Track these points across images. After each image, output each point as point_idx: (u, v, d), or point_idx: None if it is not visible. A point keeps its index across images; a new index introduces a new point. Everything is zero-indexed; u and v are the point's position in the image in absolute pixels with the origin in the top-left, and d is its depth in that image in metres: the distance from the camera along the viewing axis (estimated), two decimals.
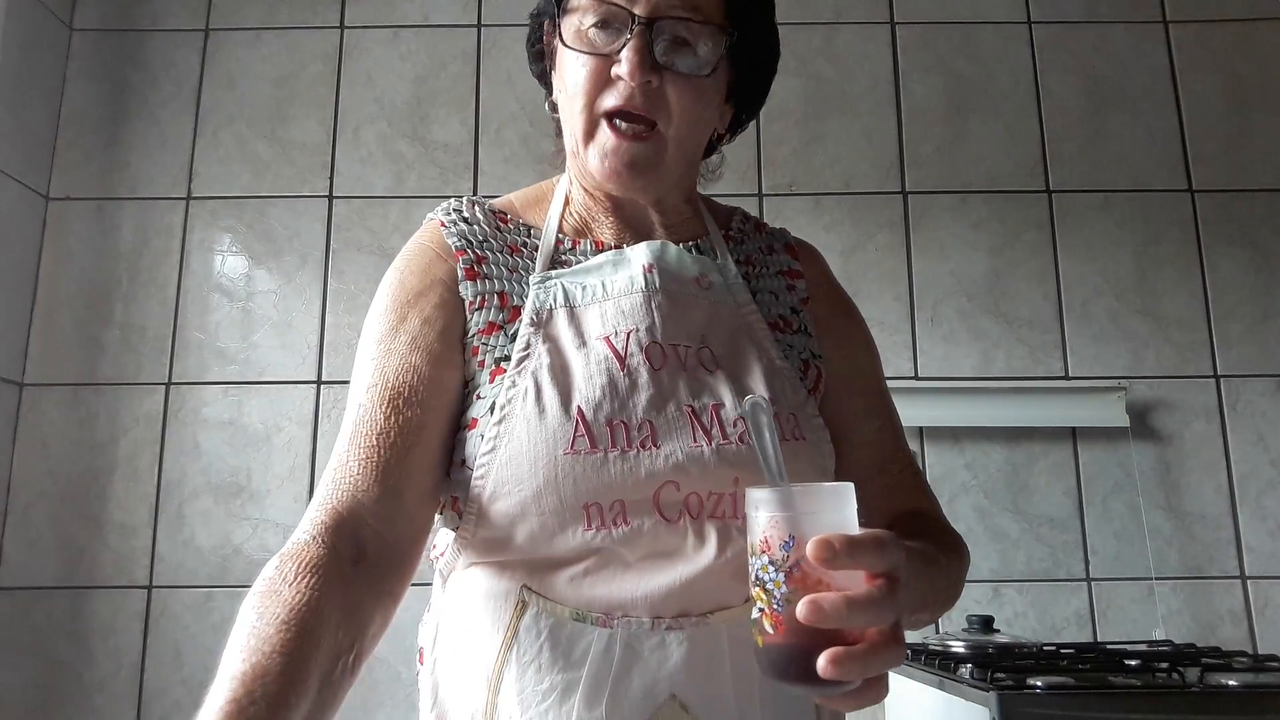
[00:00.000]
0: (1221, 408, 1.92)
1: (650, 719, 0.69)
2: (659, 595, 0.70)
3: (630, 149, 0.76)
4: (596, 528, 0.70)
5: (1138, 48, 2.09)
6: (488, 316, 0.78)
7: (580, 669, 0.70)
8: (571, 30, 0.77)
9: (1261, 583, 1.84)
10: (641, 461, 0.71)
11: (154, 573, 1.83)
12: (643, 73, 0.73)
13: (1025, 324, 1.96)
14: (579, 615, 0.71)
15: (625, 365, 0.75)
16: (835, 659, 0.54)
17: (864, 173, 2.04)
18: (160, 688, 1.78)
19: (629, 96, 0.74)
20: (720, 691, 0.70)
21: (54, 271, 1.96)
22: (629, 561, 0.71)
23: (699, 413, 0.73)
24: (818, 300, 0.90)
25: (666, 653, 0.70)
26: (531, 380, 0.74)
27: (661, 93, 0.75)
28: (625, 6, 0.73)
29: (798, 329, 0.86)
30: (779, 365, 0.81)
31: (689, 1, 0.74)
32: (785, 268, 0.91)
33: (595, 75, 0.75)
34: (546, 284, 0.79)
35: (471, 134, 2.03)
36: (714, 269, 0.84)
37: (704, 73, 0.76)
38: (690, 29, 0.75)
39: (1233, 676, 1.20)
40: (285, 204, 2.00)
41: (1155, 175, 2.03)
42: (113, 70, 2.06)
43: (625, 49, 0.73)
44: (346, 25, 2.09)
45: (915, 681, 1.44)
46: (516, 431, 0.72)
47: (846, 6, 2.11)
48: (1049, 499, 1.88)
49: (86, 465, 1.87)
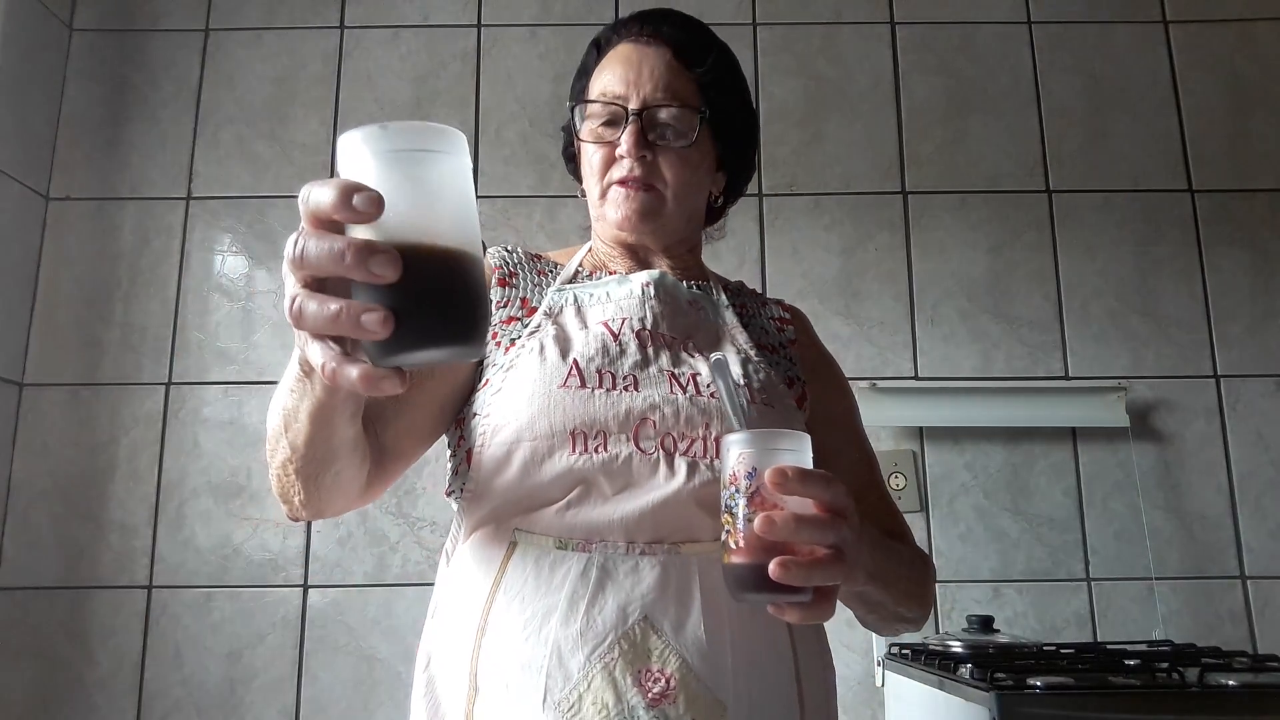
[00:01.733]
0: (1221, 408, 1.92)
1: (622, 637, 0.76)
2: (633, 519, 0.79)
3: (637, 197, 0.94)
4: (580, 452, 0.80)
5: (1138, 48, 2.09)
6: (509, 312, 0.93)
7: (559, 593, 0.78)
8: (588, 130, 0.97)
9: (1261, 583, 1.84)
10: (623, 399, 0.83)
11: (154, 573, 1.83)
12: (637, 149, 0.92)
13: (1025, 324, 1.96)
14: (561, 544, 0.80)
15: (618, 340, 0.89)
16: (783, 563, 0.65)
17: (864, 173, 2.04)
18: (160, 688, 1.78)
19: (629, 169, 0.93)
20: (690, 617, 0.78)
21: (54, 271, 1.96)
22: (607, 494, 0.81)
23: (678, 376, 0.87)
24: (803, 346, 1.05)
25: (640, 576, 0.78)
26: (538, 343, 0.88)
27: (655, 164, 0.94)
28: (622, 105, 0.93)
29: (784, 357, 1.01)
30: (755, 359, 0.94)
31: (670, 92, 0.94)
32: (775, 316, 1.06)
33: (606, 158, 0.95)
34: (561, 291, 0.95)
35: (471, 134, 2.03)
36: (707, 301, 1.00)
37: (685, 144, 0.94)
38: (672, 112, 0.93)
39: (1233, 676, 1.20)
40: (285, 204, 2.00)
41: (1155, 175, 2.03)
42: (113, 70, 2.06)
43: (624, 135, 0.93)
44: (346, 25, 2.09)
45: (915, 681, 1.44)
46: (521, 374, 0.85)
47: (846, 6, 2.11)
48: (1049, 499, 1.88)
49: (86, 465, 1.87)
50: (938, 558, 1.85)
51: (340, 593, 1.84)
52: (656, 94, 0.93)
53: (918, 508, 1.87)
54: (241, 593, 1.83)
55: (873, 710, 1.77)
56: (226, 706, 1.78)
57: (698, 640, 0.77)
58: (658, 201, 0.94)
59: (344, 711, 1.79)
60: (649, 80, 0.94)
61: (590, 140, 0.96)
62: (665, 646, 0.76)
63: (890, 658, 1.60)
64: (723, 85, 0.98)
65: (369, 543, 1.86)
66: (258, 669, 1.80)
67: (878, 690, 1.74)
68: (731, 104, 0.99)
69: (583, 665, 0.75)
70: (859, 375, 1.92)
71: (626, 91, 0.94)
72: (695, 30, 0.99)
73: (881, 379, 1.92)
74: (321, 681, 1.79)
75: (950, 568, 1.86)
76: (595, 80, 0.98)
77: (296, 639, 1.81)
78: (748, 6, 2.11)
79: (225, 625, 1.81)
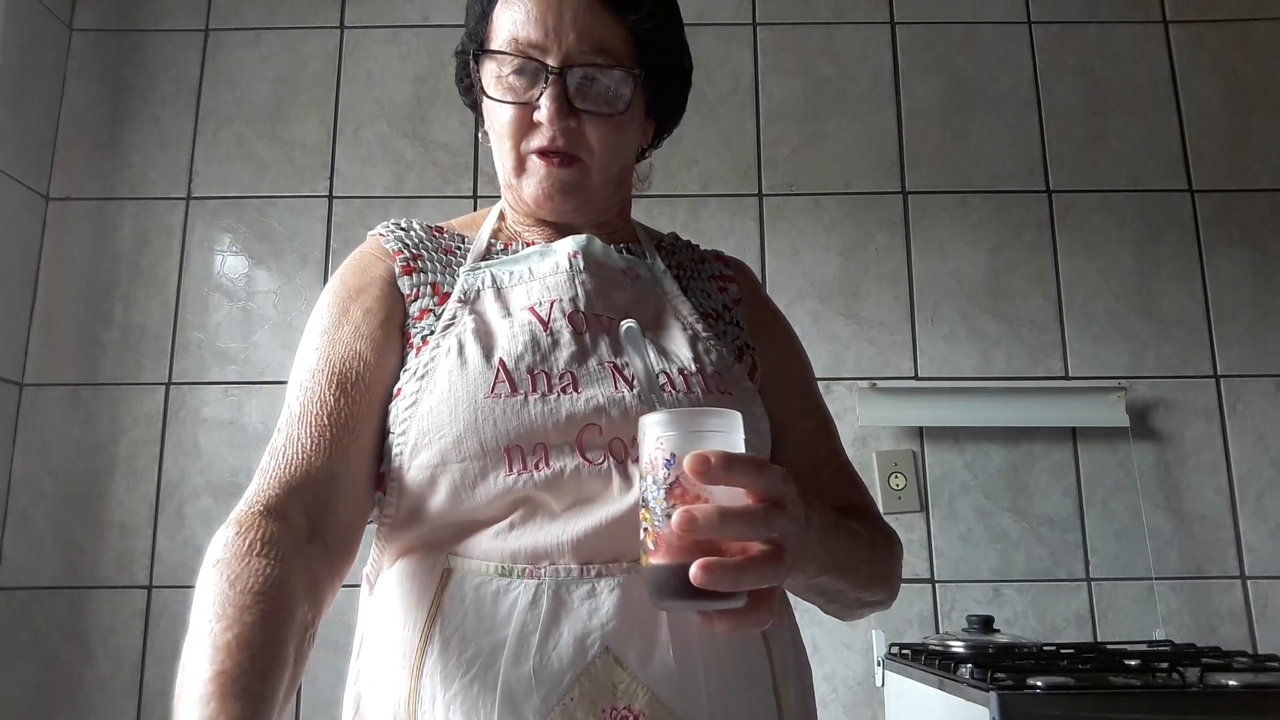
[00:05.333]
0: (1221, 408, 1.92)
1: (582, 674, 0.66)
2: (585, 538, 0.69)
3: (559, 174, 0.80)
4: (518, 472, 0.70)
5: (1138, 48, 2.09)
6: (422, 304, 0.81)
7: (506, 628, 0.68)
8: (491, 77, 0.81)
9: (1261, 583, 1.84)
10: (562, 404, 0.72)
11: (154, 573, 1.83)
12: (561, 118, 0.77)
13: (1025, 324, 1.96)
14: (504, 570, 0.70)
15: (549, 328, 0.77)
16: (706, 566, 0.55)
17: (864, 173, 2.04)
18: (160, 688, 1.78)
19: (551, 139, 0.79)
20: (656, 644, 0.68)
21: (54, 271, 1.96)
22: (555, 511, 0.71)
23: (620, 368, 0.75)
24: (749, 304, 0.92)
25: (597, 602, 0.68)
26: (455, 341, 0.76)
27: (581, 132, 0.79)
28: (538, 58, 0.77)
29: (730, 321, 0.88)
30: (704, 335, 0.82)
31: (598, 45, 0.78)
32: (716, 273, 0.93)
33: (519, 120, 0.80)
34: (475, 271, 0.83)
35: (471, 134, 2.03)
36: (641, 265, 0.87)
37: (618, 111, 0.80)
38: (601, 74, 0.79)
39: (1233, 676, 1.19)
40: (285, 204, 2.00)
41: (1155, 175, 2.03)
42: (113, 70, 2.06)
43: (543, 97, 0.77)
44: (346, 25, 2.09)
45: (915, 681, 1.44)
46: (438, 383, 0.74)
47: (846, 6, 2.11)
48: (1049, 499, 1.88)
49: (86, 465, 1.87)
50: (938, 558, 1.85)
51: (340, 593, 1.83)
52: (583, 48, 0.77)
53: (918, 508, 1.87)
54: None
55: (873, 710, 1.77)
56: None
57: (666, 669, 0.67)
58: (582, 175, 0.81)
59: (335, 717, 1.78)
60: (571, 28, 0.77)
61: (497, 95, 0.80)
62: (631, 680, 0.67)
63: (890, 658, 1.60)
64: (659, 30, 0.82)
65: (369, 542, 1.86)
66: None
67: (878, 690, 1.74)
68: (668, 53, 0.84)
69: (538, 710, 0.65)
70: (859, 375, 1.92)
71: (544, 40, 0.77)
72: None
73: (881, 379, 1.92)
74: (321, 681, 1.79)
75: (950, 568, 1.86)
76: (500, 16, 0.80)
77: None
78: (748, 6, 2.11)
79: None
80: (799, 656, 0.79)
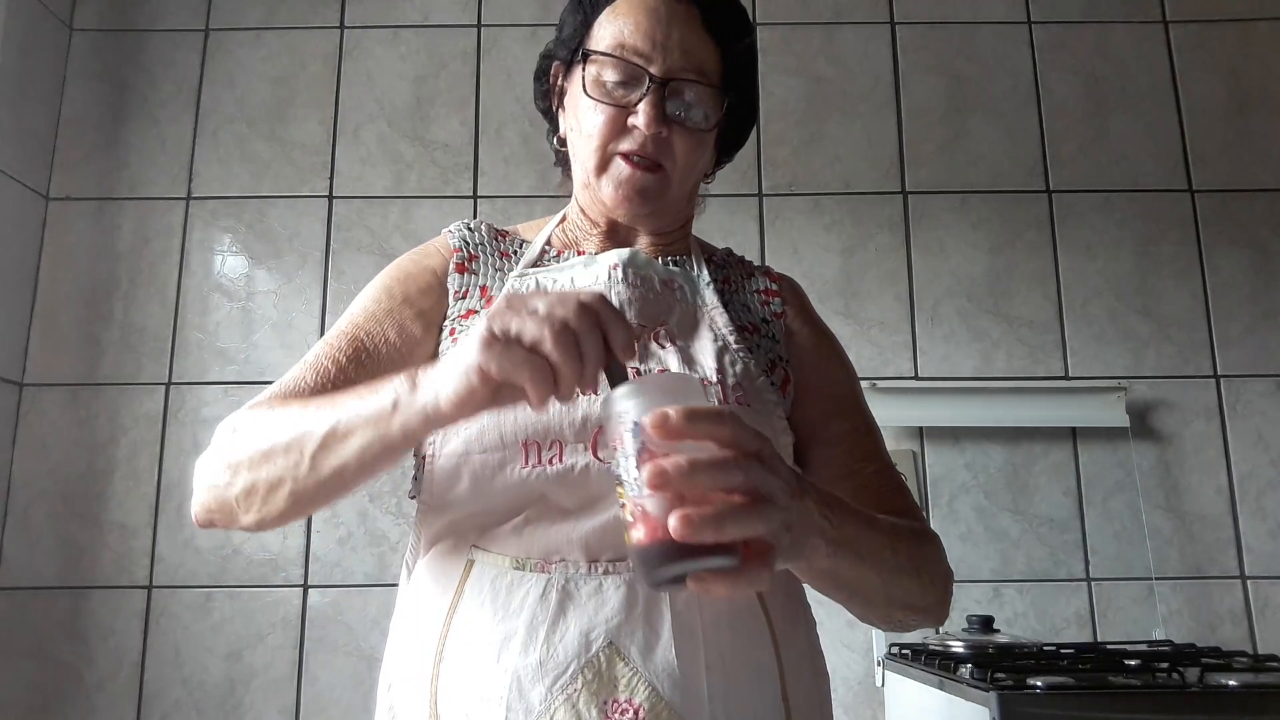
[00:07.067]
0: (1221, 408, 1.92)
1: (586, 665, 0.70)
2: (594, 535, 0.73)
3: (642, 178, 0.84)
4: (534, 465, 0.74)
5: (1138, 48, 2.09)
6: (469, 304, 0.86)
7: (518, 618, 0.72)
8: (592, 79, 0.85)
9: (1261, 583, 1.84)
10: (579, 404, 0.75)
11: (154, 573, 1.83)
12: (656, 125, 0.82)
13: (1025, 324, 1.96)
14: (519, 564, 0.74)
15: None
16: (685, 517, 0.52)
17: (864, 173, 2.04)
18: (160, 688, 1.78)
19: (642, 144, 0.83)
20: (659, 641, 0.71)
21: (54, 271, 1.96)
22: (567, 509, 0.74)
23: (641, 373, 0.79)
24: (793, 318, 0.95)
25: (604, 598, 0.72)
26: None
27: (669, 142, 0.84)
28: (643, 66, 0.82)
29: (767, 335, 0.91)
30: (734, 347, 0.85)
31: (697, 65, 0.84)
32: (762, 288, 0.96)
33: (612, 123, 0.84)
34: (523, 277, 0.88)
35: (471, 134, 2.03)
36: (684, 277, 0.91)
37: (707, 128, 0.85)
38: (696, 90, 0.84)
39: (1233, 676, 1.20)
40: (285, 204, 2.00)
41: (1155, 175, 2.03)
42: (113, 70, 2.06)
43: (642, 103, 0.82)
44: (346, 25, 2.09)
45: (915, 681, 1.44)
46: None
47: (846, 6, 2.11)
48: (1049, 499, 1.88)
49: (86, 465, 1.87)
50: None
51: (340, 593, 1.84)
52: (685, 65, 0.83)
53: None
54: (241, 593, 1.83)
55: (873, 710, 1.77)
56: (226, 706, 1.78)
57: (669, 666, 0.70)
58: (663, 183, 0.85)
59: (344, 711, 1.79)
60: (677, 46, 0.83)
61: (597, 96, 0.84)
62: (633, 674, 0.70)
63: (890, 658, 1.60)
64: (747, 68, 0.90)
65: (369, 543, 1.86)
66: (257, 669, 1.80)
67: (878, 690, 1.74)
68: (748, 88, 0.91)
69: (544, 697, 0.69)
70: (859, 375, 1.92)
71: (650, 51, 0.82)
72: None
73: (881, 379, 1.92)
74: (321, 681, 1.79)
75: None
76: (605, 25, 0.85)
77: (296, 639, 1.81)
78: (748, 7, 2.10)
79: (225, 625, 1.81)
80: (815, 662, 0.81)
